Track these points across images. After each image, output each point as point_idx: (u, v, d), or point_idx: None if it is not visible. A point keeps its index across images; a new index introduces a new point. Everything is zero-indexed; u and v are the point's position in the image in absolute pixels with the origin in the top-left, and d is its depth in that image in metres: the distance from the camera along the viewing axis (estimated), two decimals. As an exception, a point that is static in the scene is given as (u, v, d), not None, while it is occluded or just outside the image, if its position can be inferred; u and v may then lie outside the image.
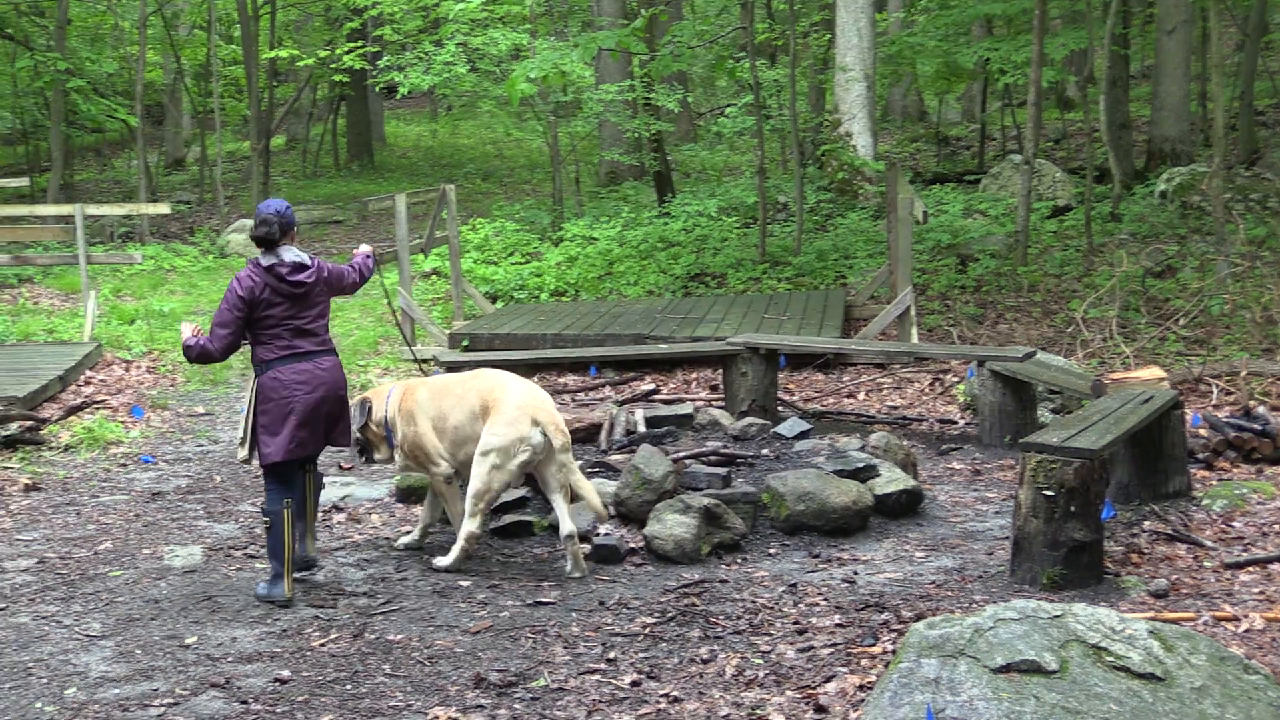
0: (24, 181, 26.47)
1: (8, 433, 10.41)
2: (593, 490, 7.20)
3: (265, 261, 6.89)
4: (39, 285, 20.28)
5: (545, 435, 7.01)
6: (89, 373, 13.18)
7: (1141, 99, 23.62)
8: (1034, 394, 9.99)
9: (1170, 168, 18.51)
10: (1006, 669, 4.39)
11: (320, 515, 8.45)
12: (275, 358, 6.91)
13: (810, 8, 23.76)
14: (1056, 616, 4.66)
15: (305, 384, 6.90)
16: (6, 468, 9.83)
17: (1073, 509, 6.35)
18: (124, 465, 10.14)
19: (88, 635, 6.20)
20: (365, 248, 7.77)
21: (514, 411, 7.06)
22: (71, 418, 11.23)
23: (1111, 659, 4.46)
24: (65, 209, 17.21)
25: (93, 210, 17.77)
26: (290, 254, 6.94)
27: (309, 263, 7.00)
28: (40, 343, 14.76)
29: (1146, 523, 7.49)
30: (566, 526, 7.05)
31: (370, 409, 7.58)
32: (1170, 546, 7.07)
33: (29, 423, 10.61)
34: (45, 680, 5.60)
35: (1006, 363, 9.90)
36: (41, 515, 8.62)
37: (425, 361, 11.27)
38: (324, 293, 7.11)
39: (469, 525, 7.09)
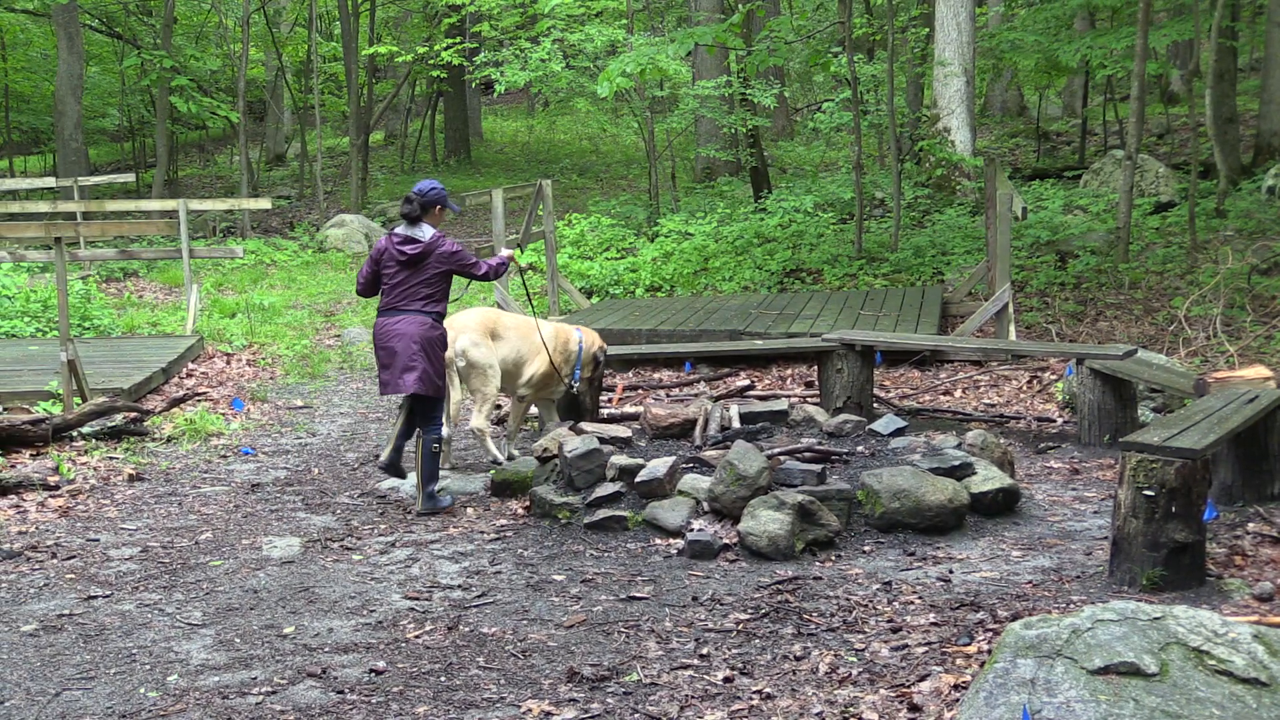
0: (130, 177, 27.10)
1: (113, 424, 10.61)
2: None
3: (396, 230, 8.49)
4: (144, 279, 20.67)
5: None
6: (191, 365, 13.40)
7: (1249, 93, 23.16)
8: (1134, 393, 9.84)
9: (1279, 162, 18.14)
10: (1105, 671, 4.32)
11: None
12: (381, 308, 8.51)
13: (909, 2, 23.57)
14: (1156, 618, 4.58)
15: (383, 334, 8.39)
16: (112, 458, 10.02)
17: (1174, 509, 6.25)
18: (224, 457, 10.29)
19: (189, 623, 6.30)
20: (505, 253, 9.13)
21: None
22: (174, 409, 11.43)
23: (1214, 663, 4.38)
24: (169, 204, 17.56)
25: (196, 206, 18.12)
26: (410, 229, 8.40)
27: (420, 239, 8.35)
28: (144, 335, 15.03)
29: (1251, 524, 7.34)
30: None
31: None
32: (1275, 549, 6.93)
33: (133, 414, 10.80)
34: (148, 667, 5.69)
35: (1106, 360, 9.76)
36: (145, 505, 8.78)
37: None
38: (436, 268, 8.39)
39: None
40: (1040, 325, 13.79)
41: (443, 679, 5.46)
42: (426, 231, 8.39)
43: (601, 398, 11.39)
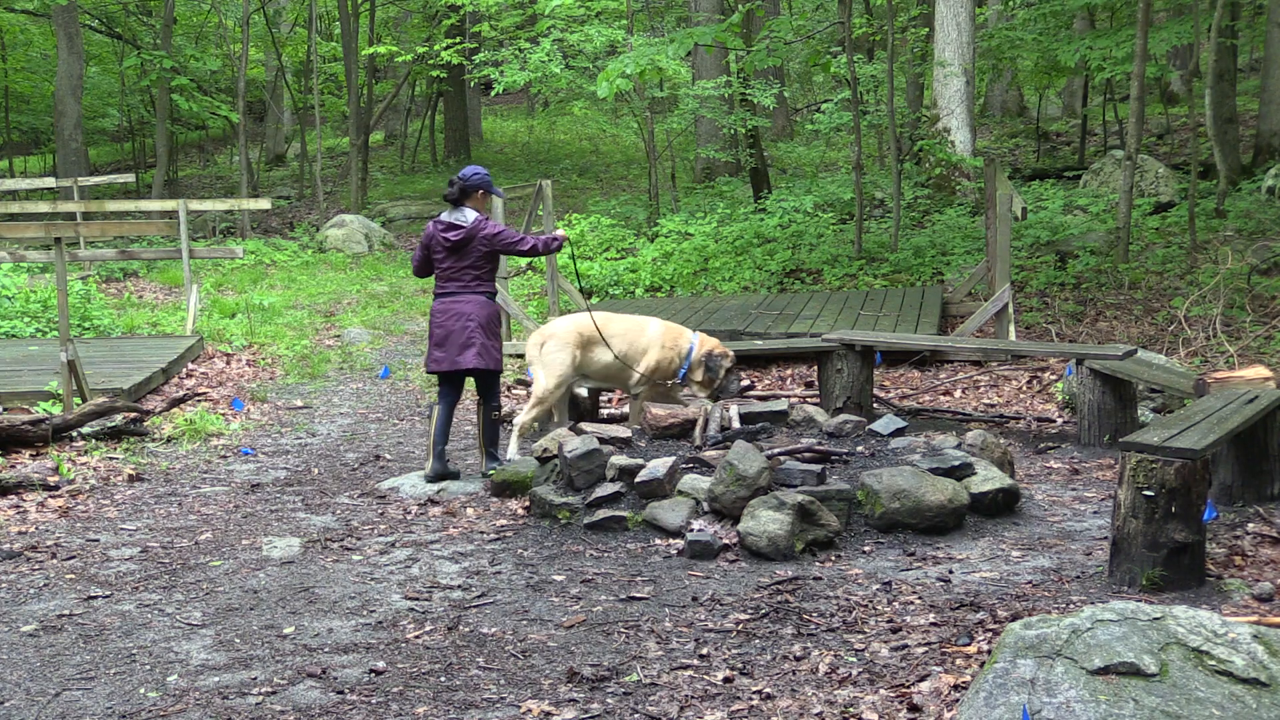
0: (130, 177, 27.10)
1: (113, 424, 10.61)
2: None
3: (440, 217, 9.04)
4: (144, 279, 20.68)
5: None
6: (191, 365, 13.41)
7: (1249, 93, 23.17)
8: (1134, 393, 9.84)
9: (1278, 163, 18.14)
10: (1104, 671, 4.32)
11: (422, 503, 8.55)
12: (436, 291, 9.10)
13: (909, 2, 23.58)
14: (1156, 619, 4.58)
15: (440, 314, 8.97)
16: (111, 458, 10.02)
17: (1174, 510, 6.25)
18: (224, 457, 10.30)
19: (188, 623, 6.30)
20: (560, 233, 9.57)
21: None
22: (174, 410, 11.43)
23: (1213, 663, 4.38)
24: (169, 205, 17.56)
25: (196, 206, 18.12)
26: (453, 215, 8.95)
27: (463, 224, 8.89)
28: (144, 335, 15.03)
29: (1250, 525, 7.35)
30: None
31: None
32: (1275, 549, 6.93)
33: (133, 414, 10.80)
34: (148, 667, 5.69)
35: (1106, 361, 9.76)
36: (145, 505, 8.78)
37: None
38: (480, 249, 8.91)
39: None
40: (1040, 325, 13.79)
41: (442, 679, 5.46)
42: (469, 216, 8.93)
43: (601, 398, 11.40)
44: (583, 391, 10.52)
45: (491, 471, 8.89)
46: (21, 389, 11.14)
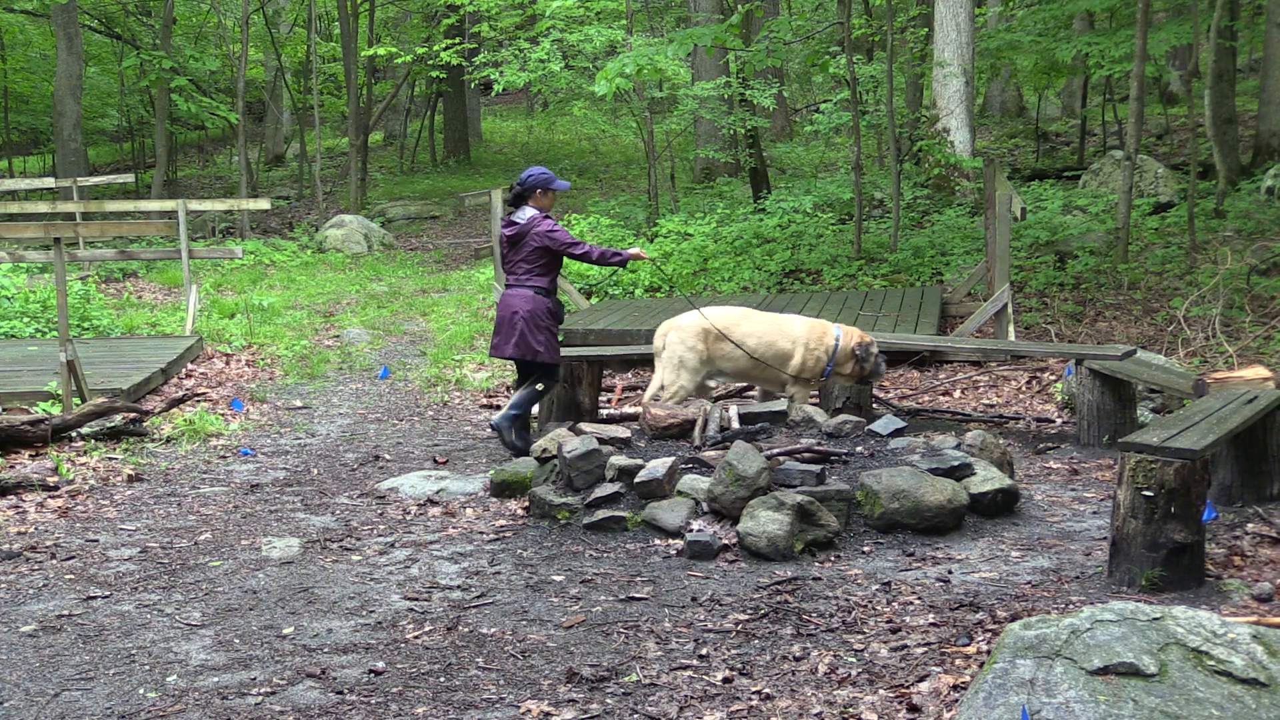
0: (129, 177, 27.12)
1: (112, 424, 10.61)
2: None
3: (506, 216, 9.72)
4: (143, 279, 20.69)
5: None
6: (190, 366, 13.41)
7: (1248, 93, 23.18)
8: (1133, 393, 9.84)
9: (1278, 163, 18.15)
10: (1104, 671, 4.32)
11: (422, 503, 8.55)
12: (506, 283, 9.75)
13: (908, 2, 23.58)
14: (1156, 619, 4.58)
15: (499, 305, 9.70)
16: (111, 458, 10.02)
17: (1173, 510, 6.25)
18: (223, 457, 10.30)
19: (188, 624, 6.30)
20: (635, 250, 10.00)
21: None
22: (173, 410, 11.43)
23: (1213, 663, 4.38)
24: (168, 205, 17.57)
25: (195, 206, 18.12)
26: (516, 214, 9.59)
27: (519, 222, 9.52)
28: (143, 336, 15.03)
29: (1250, 525, 7.35)
30: None
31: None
32: (1275, 550, 6.93)
33: (133, 415, 10.80)
34: (147, 667, 5.69)
35: (1106, 361, 9.76)
36: (144, 505, 8.78)
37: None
38: (533, 248, 9.46)
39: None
40: (1039, 326, 13.79)
41: (442, 679, 5.46)
42: (526, 214, 9.54)
43: (601, 398, 11.40)
44: (710, 383, 10.54)
45: (498, 424, 9.71)
46: (21, 389, 11.14)
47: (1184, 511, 6.25)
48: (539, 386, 9.82)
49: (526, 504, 8.24)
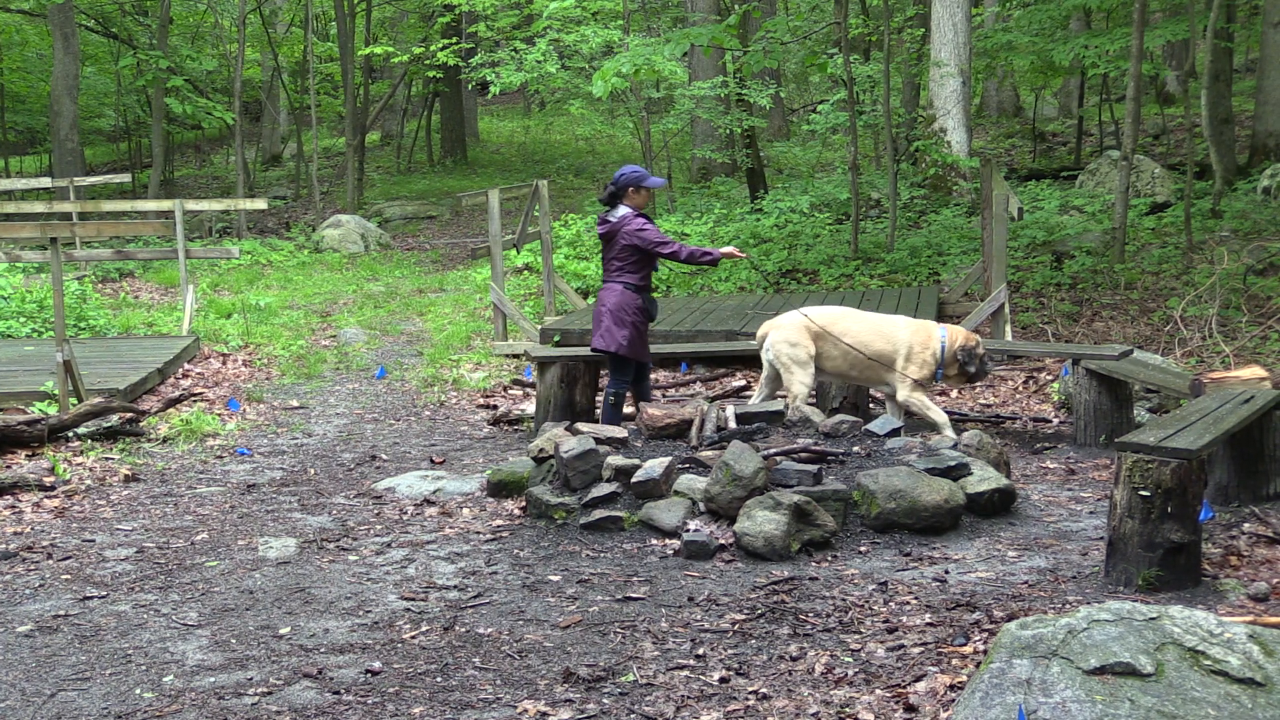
0: (126, 177, 27.08)
1: (109, 424, 10.61)
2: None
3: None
4: (139, 279, 20.67)
5: None
6: (187, 366, 13.40)
7: (1245, 93, 23.19)
8: (1130, 393, 9.85)
9: (1274, 163, 18.16)
10: (1100, 671, 4.32)
11: (418, 503, 8.55)
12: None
13: (905, 2, 23.58)
14: (1152, 619, 4.59)
15: (597, 300, 9.82)
16: (107, 458, 10.02)
17: (1170, 510, 6.25)
18: (220, 457, 10.29)
19: (184, 624, 6.29)
20: (729, 249, 9.83)
21: None
22: (170, 410, 11.43)
23: (1209, 663, 4.38)
24: (165, 205, 17.53)
25: (192, 206, 18.08)
26: (610, 212, 9.63)
27: (611, 220, 9.59)
28: (140, 336, 15.03)
29: (1246, 525, 7.35)
30: None
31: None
32: (1271, 549, 6.94)
33: (129, 415, 10.80)
34: (144, 667, 5.69)
35: (1102, 361, 9.77)
36: (140, 505, 8.77)
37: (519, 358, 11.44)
38: (623, 245, 9.52)
39: None
40: (1036, 325, 13.80)
41: (439, 679, 5.46)
42: (619, 212, 9.58)
43: (597, 398, 11.38)
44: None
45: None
46: (17, 389, 11.13)
47: (1180, 511, 6.26)
48: (611, 397, 9.86)
49: (523, 504, 8.24)
